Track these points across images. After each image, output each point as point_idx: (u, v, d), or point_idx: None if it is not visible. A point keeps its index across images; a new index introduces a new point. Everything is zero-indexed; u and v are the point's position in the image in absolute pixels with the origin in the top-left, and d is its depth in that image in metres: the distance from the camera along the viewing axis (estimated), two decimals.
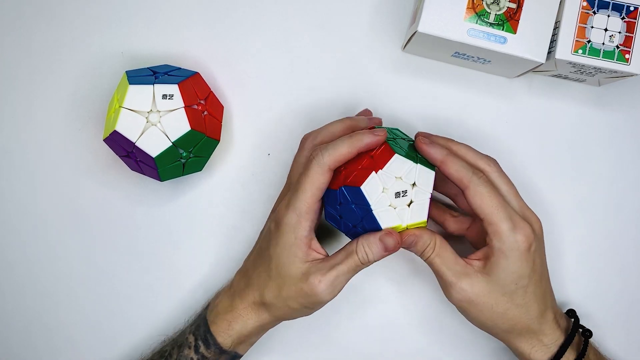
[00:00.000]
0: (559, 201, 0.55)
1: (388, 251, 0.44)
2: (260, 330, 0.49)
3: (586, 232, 0.55)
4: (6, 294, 0.54)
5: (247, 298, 0.47)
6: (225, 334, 0.47)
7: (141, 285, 0.54)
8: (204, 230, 0.54)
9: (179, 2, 0.55)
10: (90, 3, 0.55)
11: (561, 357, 0.46)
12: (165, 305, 0.54)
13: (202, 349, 0.48)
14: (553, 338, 0.47)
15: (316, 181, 0.44)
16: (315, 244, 0.46)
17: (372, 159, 0.44)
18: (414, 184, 0.44)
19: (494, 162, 0.47)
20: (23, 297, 0.54)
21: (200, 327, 0.48)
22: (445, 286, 0.46)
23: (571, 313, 0.50)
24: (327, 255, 0.46)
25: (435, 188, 0.49)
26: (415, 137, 0.47)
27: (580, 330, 0.49)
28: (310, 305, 0.46)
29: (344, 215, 0.45)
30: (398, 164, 0.44)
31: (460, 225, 0.51)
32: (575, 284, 0.55)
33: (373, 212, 0.43)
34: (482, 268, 0.45)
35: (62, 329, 0.54)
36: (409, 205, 0.44)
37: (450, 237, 0.53)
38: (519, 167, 0.54)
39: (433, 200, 0.50)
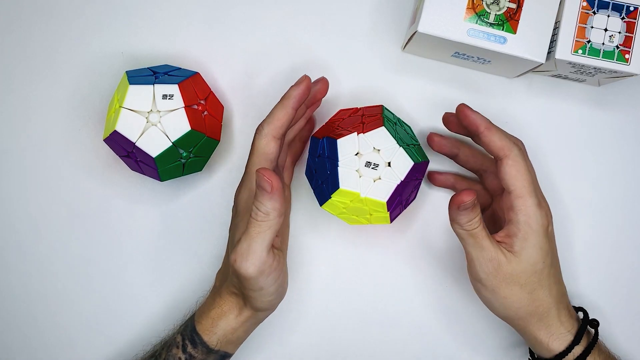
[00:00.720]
0: (559, 200, 0.54)
1: (271, 188, 0.42)
2: (244, 326, 0.48)
3: (586, 230, 0.55)
4: (4, 292, 0.54)
5: (223, 291, 0.47)
6: (210, 332, 0.47)
7: (141, 285, 0.54)
8: (203, 230, 0.54)
9: (179, 2, 0.55)
10: (90, 3, 0.55)
11: (578, 343, 0.46)
12: (163, 304, 0.54)
13: (189, 348, 0.48)
14: (568, 326, 0.47)
15: (262, 152, 0.46)
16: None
17: (362, 125, 0.45)
18: (389, 164, 0.44)
19: (522, 143, 0.47)
20: (21, 296, 0.54)
21: (187, 327, 0.48)
22: (480, 261, 0.45)
23: (578, 309, 0.50)
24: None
25: (464, 164, 0.51)
26: (458, 106, 0.47)
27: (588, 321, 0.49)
28: (249, 286, 0.44)
29: (318, 169, 0.46)
30: (381, 135, 0.44)
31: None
32: (576, 282, 0.55)
33: (338, 167, 0.44)
34: (511, 248, 0.45)
35: (59, 327, 0.54)
36: (374, 181, 0.44)
37: (447, 235, 0.54)
38: None
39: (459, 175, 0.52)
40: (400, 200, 0.45)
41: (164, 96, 0.47)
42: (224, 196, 0.54)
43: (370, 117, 0.46)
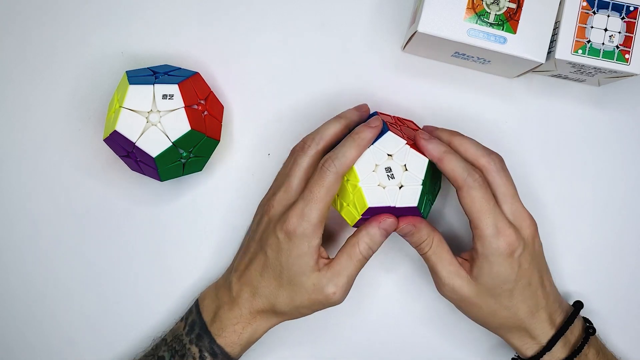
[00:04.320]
0: (559, 200, 0.55)
1: (387, 234, 0.45)
2: (267, 332, 0.49)
3: (587, 230, 0.55)
4: (4, 292, 0.54)
5: (255, 307, 0.47)
6: (234, 344, 0.47)
7: (140, 285, 0.54)
8: (203, 230, 0.54)
9: (178, 2, 0.55)
10: (90, 3, 0.55)
11: (549, 349, 0.47)
12: (164, 304, 0.54)
13: (208, 359, 0.47)
14: (545, 335, 0.47)
15: (331, 190, 0.44)
16: (322, 249, 0.46)
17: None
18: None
19: (497, 159, 0.46)
20: (21, 296, 0.54)
21: (203, 339, 0.47)
22: (438, 283, 0.47)
23: (577, 305, 0.50)
24: (329, 258, 0.46)
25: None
26: (416, 132, 0.47)
27: (587, 325, 0.49)
28: (320, 308, 0.47)
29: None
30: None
31: None
32: (578, 282, 0.55)
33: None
34: (470, 270, 0.46)
35: (60, 327, 0.54)
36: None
37: (447, 235, 0.54)
38: (518, 166, 0.54)
39: None
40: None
41: (164, 96, 0.47)
42: (224, 196, 0.54)
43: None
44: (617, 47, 0.48)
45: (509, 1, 0.48)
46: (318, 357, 0.54)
